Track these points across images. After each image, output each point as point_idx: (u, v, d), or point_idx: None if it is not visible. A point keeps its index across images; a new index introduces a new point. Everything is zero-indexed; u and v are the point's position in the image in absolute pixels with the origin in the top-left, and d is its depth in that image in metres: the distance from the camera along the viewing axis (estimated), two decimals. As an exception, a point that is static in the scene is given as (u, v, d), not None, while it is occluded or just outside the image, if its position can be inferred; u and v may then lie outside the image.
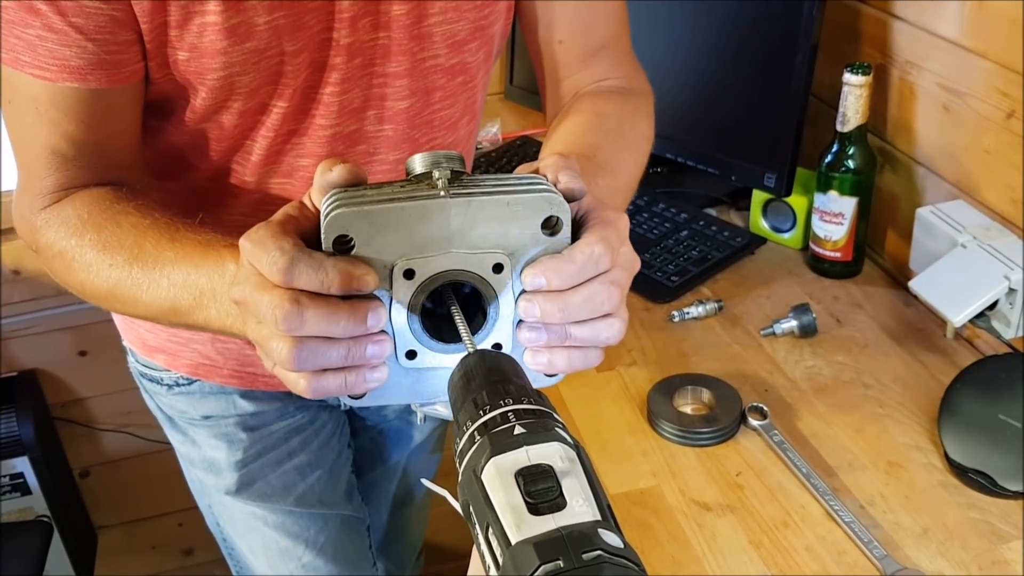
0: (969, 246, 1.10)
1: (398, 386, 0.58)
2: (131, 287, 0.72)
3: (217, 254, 0.68)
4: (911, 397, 1.08)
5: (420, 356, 0.57)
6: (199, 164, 0.87)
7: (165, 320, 0.73)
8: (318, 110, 0.84)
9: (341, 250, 0.53)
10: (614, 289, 0.57)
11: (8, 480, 1.74)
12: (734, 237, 1.35)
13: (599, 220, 0.58)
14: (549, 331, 0.57)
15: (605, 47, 0.93)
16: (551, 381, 0.60)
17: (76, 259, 0.76)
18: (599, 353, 0.59)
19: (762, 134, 1.33)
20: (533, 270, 0.55)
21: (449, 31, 0.85)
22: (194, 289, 0.68)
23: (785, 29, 1.26)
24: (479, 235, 0.54)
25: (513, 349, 0.58)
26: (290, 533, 1.16)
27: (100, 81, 0.74)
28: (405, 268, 0.54)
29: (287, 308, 0.52)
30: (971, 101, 1.13)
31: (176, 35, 0.75)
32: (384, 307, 0.55)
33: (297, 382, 0.55)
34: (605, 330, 0.58)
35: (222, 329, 0.68)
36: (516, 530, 0.41)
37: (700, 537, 0.93)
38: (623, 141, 0.85)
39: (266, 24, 0.76)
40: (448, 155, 0.56)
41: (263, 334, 0.55)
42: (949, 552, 0.89)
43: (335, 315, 0.53)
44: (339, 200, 0.54)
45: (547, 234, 0.55)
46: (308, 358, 0.53)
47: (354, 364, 0.55)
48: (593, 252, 0.56)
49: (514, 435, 0.45)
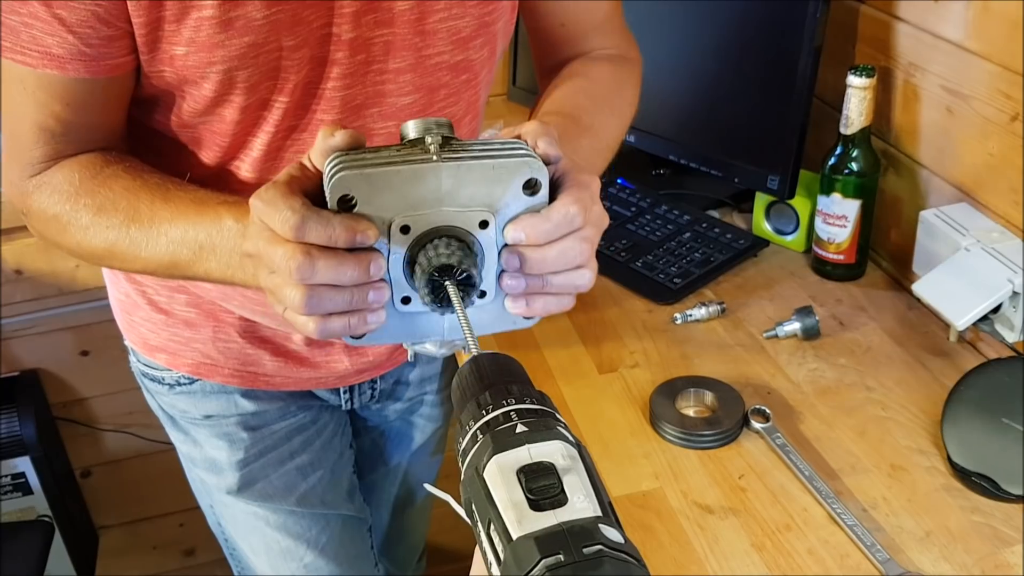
0: (972, 249, 1.10)
1: (394, 327, 0.65)
2: (129, 245, 0.78)
3: (213, 211, 0.74)
4: (914, 400, 1.08)
5: (414, 302, 0.64)
6: (201, 159, 0.87)
7: (164, 273, 0.79)
8: (319, 106, 0.84)
9: (344, 208, 0.60)
10: (585, 244, 0.64)
11: (9, 480, 1.74)
12: (737, 239, 1.35)
13: (574, 182, 0.64)
14: (528, 280, 0.64)
15: (601, 23, 0.98)
16: (529, 323, 0.67)
17: (71, 222, 0.80)
18: (571, 299, 0.66)
19: (765, 136, 1.33)
20: (514, 226, 0.62)
21: (453, 27, 0.85)
22: (193, 244, 0.74)
23: (789, 31, 1.26)
24: (467, 195, 0.60)
25: (496, 295, 0.65)
26: (292, 533, 1.16)
27: (79, 71, 0.76)
28: (402, 224, 0.60)
29: (300, 259, 0.58)
30: (975, 104, 1.12)
31: (173, 30, 0.75)
32: (383, 258, 0.61)
33: (307, 324, 0.62)
34: (577, 279, 0.65)
35: (222, 279, 0.74)
36: (517, 525, 0.41)
37: (702, 539, 0.93)
38: (609, 106, 0.92)
39: (264, 19, 0.76)
40: (439, 121, 0.62)
41: (276, 283, 0.61)
42: (952, 556, 0.89)
43: (342, 265, 0.59)
44: (342, 163, 0.60)
45: (527, 194, 0.62)
46: (318, 303, 0.60)
47: (357, 308, 0.61)
48: (568, 212, 0.62)
49: (516, 433, 0.45)
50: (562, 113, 0.87)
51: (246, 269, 0.70)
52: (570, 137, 0.81)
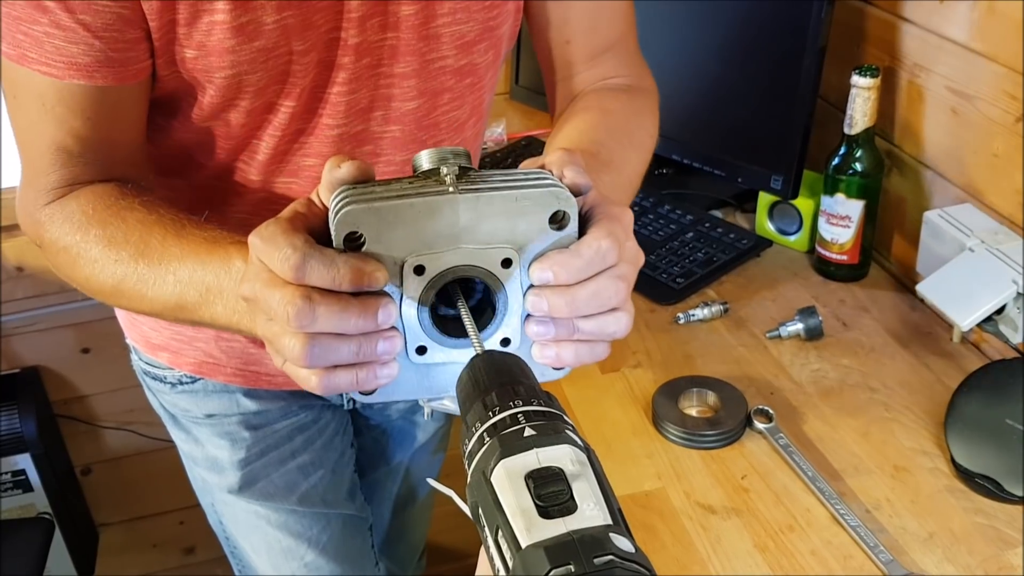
0: (977, 250, 1.10)
1: (407, 381, 0.59)
2: (136, 283, 0.72)
3: (223, 251, 0.68)
4: (917, 401, 1.08)
5: (430, 352, 0.58)
6: (205, 162, 0.86)
7: (171, 316, 0.73)
8: (325, 110, 0.83)
9: (351, 247, 0.54)
10: (620, 283, 0.57)
11: (10, 477, 1.74)
12: (740, 239, 1.35)
13: (605, 215, 0.58)
14: (557, 325, 0.57)
15: (612, 46, 0.94)
16: (558, 375, 0.61)
17: (81, 255, 0.76)
18: (606, 347, 0.59)
19: (769, 136, 1.33)
20: (541, 265, 0.56)
21: (458, 32, 0.85)
22: (200, 286, 0.68)
23: (793, 31, 1.26)
24: (487, 230, 0.55)
25: (521, 343, 0.58)
26: (293, 532, 1.16)
27: (107, 79, 0.74)
28: (415, 264, 0.54)
29: (299, 305, 0.52)
30: (980, 104, 1.12)
31: (184, 33, 0.75)
32: (395, 303, 0.55)
33: (309, 379, 0.56)
34: (612, 324, 0.58)
35: (228, 325, 0.68)
36: (526, 533, 0.40)
37: (705, 540, 0.92)
38: (628, 138, 0.86)
39: (275, 23, 0.76)
40: (455, 151, 0.57)
41: (274, 331, 0.55)
42: (955, 557, 0.89)
43: (347, 311, 0.53)
44: (349, 197, 0.54)
45: (554, 229, 0.56)
46: (320, 354, 0.54)
47: (365, 360, 0.55)
48: (600, 247, 0.56)
49: (524, 437, 0.45)
50: (579, 148, 0.79)
51: (244, 315, 0.65)
52: (590, 172, 0.73)
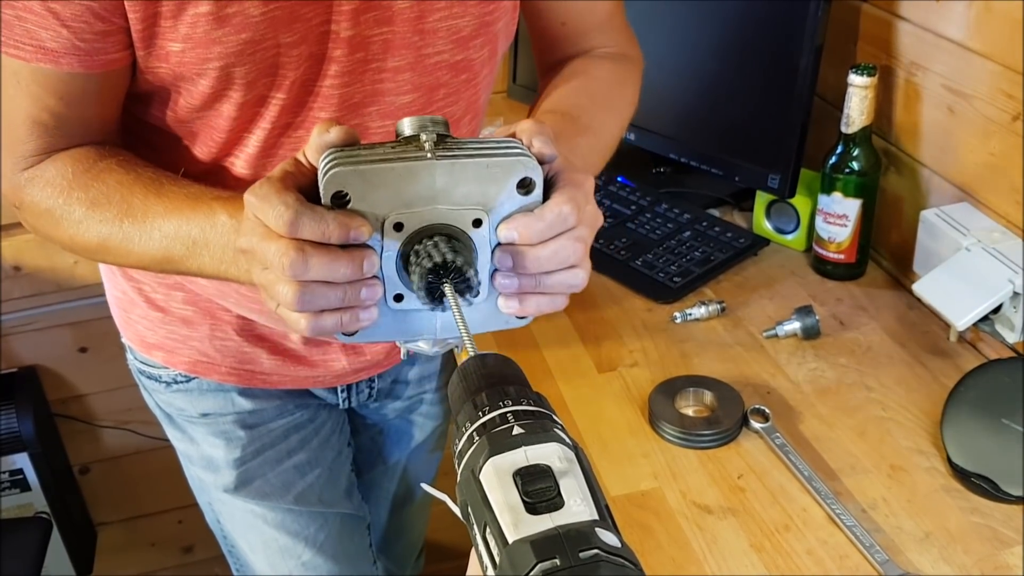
0: (973, 249, 1.10)
1: (386, 325, 0.65)
2: (122, 240, 0.77)
3: (207, 206, 0.73)
4: (914, 401, 1.08)
5: (406, 299, 0.63)
6: (197, 155, 0.87)
7: (156, 268, 0.79)
8: (317, 103, 0.84)
9: (338, 204, 0.59)
10: (579, 244, 0.63)
11: (8, 476, 1.74)
12: (737, 238, 1.35)
13: (568, 181, 0.64)
14: (521, 279, 0.63)
15: (603, 22, 0.98)
16: (521, 323, 0.67)
17: (64, 216, 0.80)
18: (564, 299, 0.66)
19: (766, 135, 1.33)
20: (507, 225, 0.62)
21: (453, 27, 0.85)
22: (186, 239, 0.74)
23: (790, 30, 1.26)
24: (461, 193, 0.60)
25: (489, 294, 0.64)
26: (290, 531, 1.16)
27: (73, 66, 0.76)
28: (395, 221, 0.60)
29: (293, 256, 0.58)
30: (976, 103, 1.12)
31: (169, 26, 0.75)
32: (376, 255, 0.61)
33: (299, 321, 0.61)
34: (570, 278, 0.64)
35: (215, 274, 0.74)
36: (513, 529, 0.40)
37: (701, 540, 0.92)
38: (609, 105, 0.91)
39: (261, 15, 0.76)
40: (434, 119, 0.62)
41: (269, 279, 0.61)
42: (951, 557, 0.89)
43: (336, 262, 0.59)
44: (336, 159, 0.59)
45: (522, 193, 0.62)
46: (311, 300, 0.60)
47: (349, 305, 0.61)
48: (561, 211, 0.62)
49: (513, 435, 0.45)
50: (561, 112, 0.86)
51: (239, 265, 0.71)
52: (568, 136, 0.80)
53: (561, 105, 0.88)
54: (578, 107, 0.88)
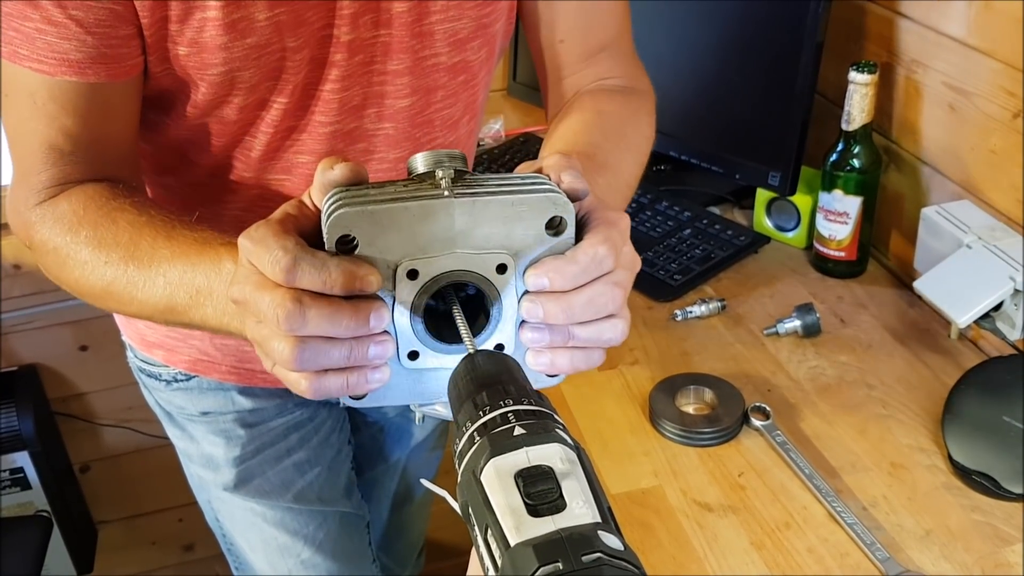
0: (974, 247, 1.09)
1: (399, 386, 0.58)
2: (126, 285, 0.72)
3: (214, 252, 0.67)
4: (915, 398, 1.08)
5: (422, 357, 0.57)
6: (198, 159, 0.86)
7: (161, 319, 0.72)
8: (318, 107, 0.83)
9: (344, 250, 0.53)
10: (617, 290, 0.57)
11: (8, 475, 1.74)
12: (738, 236, 1.35)
13: (601, 220, 0.57)
14: (552, 332, 0.56)
15: (607, 46, 0.93)
16: (553, 381, 0.60)
17: (71, 256, 0.75)
18: (601, 353, 0.59)
19: (767, 133, 1.33)
20: (536, 271, 0.55)
21: (451, 29, 0.85)
22: (190, 287, 0.67)
23: (791, 27, 1.26)
24: (483, 235, 0.54)
25: (515, 349, 0.58)
26: (289, 529, 1.16)
27: (99, 75, 0.73)
28: (409, 268, 0.54)
29: (289, 308, 0.51)
30: (977, 101, 1.12)
31: (176, 30, 0.74)
32: (387, 307, 0.54)
33: (298, 382, 0.55)
34: (608, 331, 0.57)
35: (218, 328, 0.67)
36: (515, 532, 0.40)
37: (701, 538, 0.92)
38: (624, 140, 0.85)
39: (267, 20, 0.75)
40: (451, 154, 0.56)
41: (263, 334, 0.54)
42: (952, 555, 0.89)
43: (338, 315, 0.52)
44: (342, 199, 0.53)
45: (551, 234, 0.55)
46: (310, 358, 0.53)
47: (356, 364, 0.54)
48: (596, 253, 0.55)
49: (514, 436, 0.44)
50: (574, 150, 0.78)
51: (233, 317, 0.65)
52: (586, 174, 0.72)
53: (573, 144, 0.81)
54: (591, 145, 0.81)
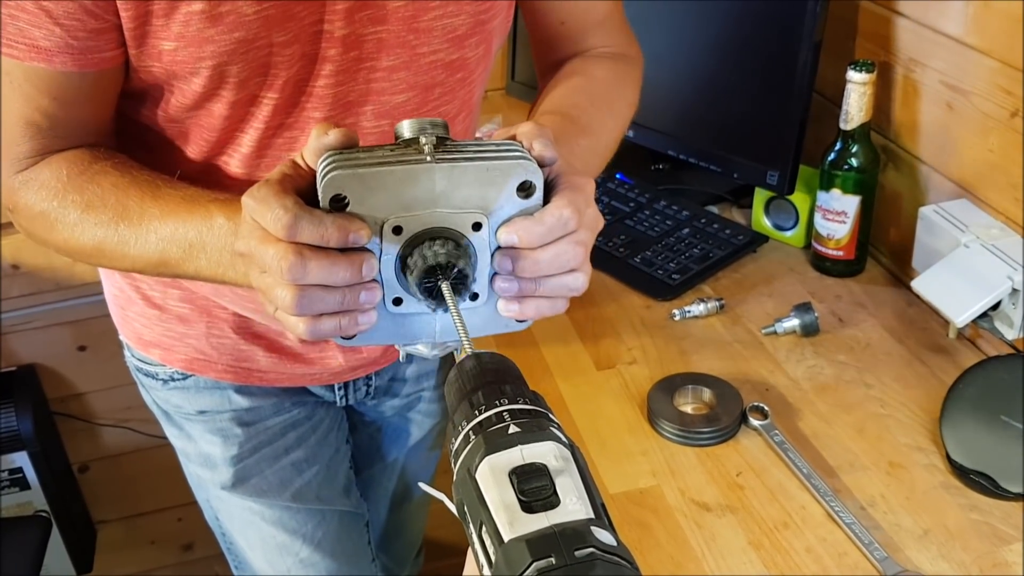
0: (972, 246, 1.09)
1: (384, 329, 0.64)
2: (118, 243, 0.77)
3: (204, 208, 0.73)
4: (913, 397, 1.08)
5: (405, 303, 0.63)
6: (189, 154, 0.86)
7: (152, 271, 0.78)
8: (310, 103, 0.83)
9: (337, 207, 0.59)
10: (579, 248, 0.63)
11: (7, 475, 1.74)
12: (736, 235, 1.35)
13: (568, 185, 0.63)
14: (520, 283, 0.63)
15: (602, 21, 0.97)
16: (521, 326, 0.67)
17: (59, 219, 0.79)
18: (565, 302, 0.66)
19: (765, 131, 1.33)
20: (507, 229, 0.61)
21: (448, 26, 0.85)
22: (183, 242, 0.73)
23: (788, 26, 1.26)
24: (461, 196, 0.60)
25: (488, 298, 0.64)
26: (287, 528, 1.16)
27: (67, 65, 0.75)
28: (394, 225, 0.60)
29: (292, 259, 0.58)
30: (975, 99, 1.12)
31: (162, 24, 0.75)
32: (376, 258, 0.60)
33: (297, 325, 0.61)
34: (571, 282, 0.64)
35: (212, 277, 0.73)
36: (509, 528, 0.40)
37: (700, 537, 0.92)
38: (608, 106, 0.91)
39: (254, 14, 0.76)
40: (433, 122, 0.62)
41: (267, 282, 0.60)
42: (950, 554, 0.89)
43: (334, 266, 0.58)
44: (335, 162, 0.59)
45: (522, 197, 0.61)
46: (309, 304, 0.59)
47: (348, 309, 0.61)
48: (562, 215, 0.61)
49: (508, 434, 0.45)
50: (560, 113, 0.86)
51: (237, 268, 0.70)
52: (567, 137, 0.80)
53: (559, 106, 0.87)
54: (577, 107, 0.87)
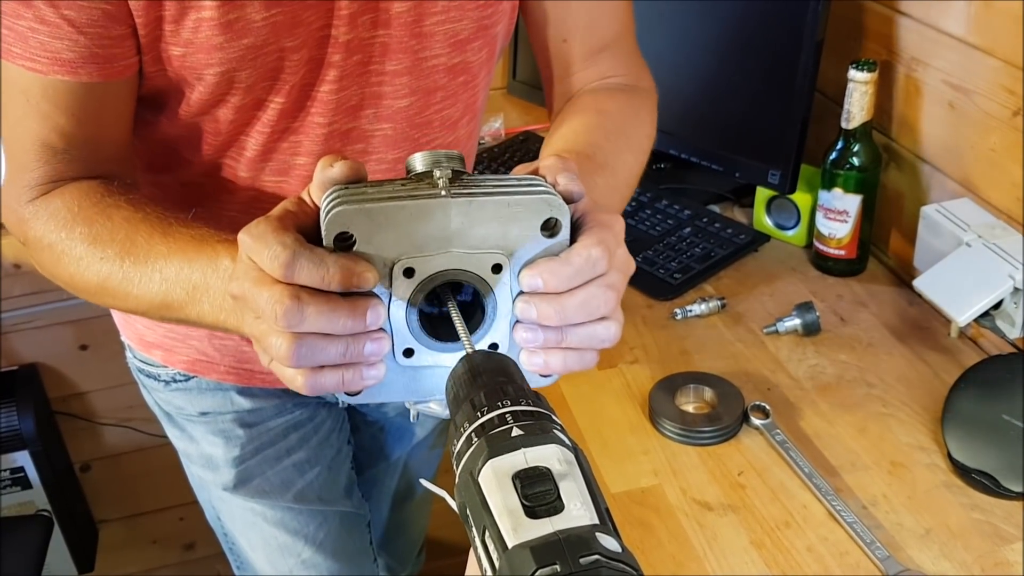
0: (974, 245, 1.09)
1: (394, 383, 0.59)
2: (122, 281, 0.72)
3: (211, 249, 0.67)
4: (914, 397, 1.08)
5: (417, 354, 0.58)
6: (193, 158, 0.86)
7: (156, 315, 0.73)
8: (315, 107, 0.83)
9: (342, 247, 0.54)
10: (610, 292, 0.57)
11: (8, 474, 1.74)
12: (737, 234, 1.35)
13: (596, 223, 0.58)
14: (545, 332, 0.57)
15: (610, 45, 0.93)
16: (547, 381, 0.61)
17: (66, 252, 0.75)
18: (595, 354, 0.59)
19: (766, 131, 1.33)
20: (531, 271, 0.56)
21: (451, 30, 0.84)
22: (187, 284, 0.68)
23: (790, 25, 1.25)
24: (479, 235, 0.54)
25: (509, 349, 0.58)
26: (289, 529, 1.16)
27: (92, 75, 0.73)
28: (405, 266, 0.54)
29: (287, 304, 0.52)
30: (977, 99, 1.12)
31: (171, 30, 0.74)
32: (383, 305, 0.55)
33: (295, 378, 0.56)
34: (601, 332, 0.58)
35: (215, 324, 0.68)
36: (513, 533, 0.40)
37: (701, 537, 0.92)
38: (625, 140, 0.86)
39: (263, 20, 0.75)
40: (449, 155, 0.57)
41: (261, 329, 0.55)
42: (952, 553, 0.89)
43: (335, 312, 0.53)
44: (340, 197, 0.54)
45: (546, 236, 0.56)
46: (307, 354, 0.54)
47: (352, 361, 0.55)
48: (591, 255, 0.56)
49: (512, 437, 0.45)
50: (574, 151, 0.79)
51: (236, 313, 0.64)
52: (585, 175, 0.72)
53: (574, 144, 0.81)
54: (591, 145, 0.81)
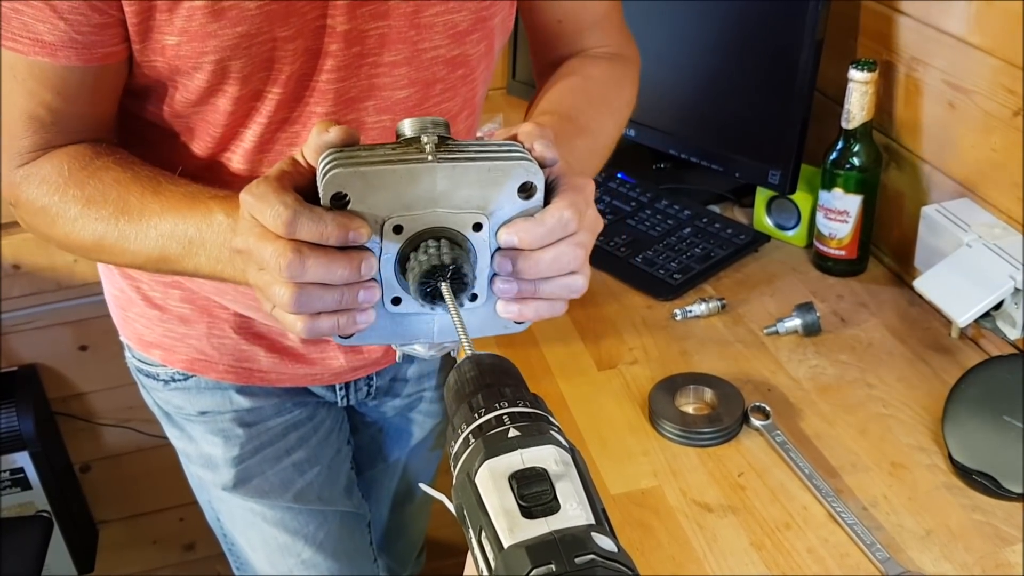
0: (974, 245, 1.09)
1: (382, 328, 0.64)
2: (118, 238, 0.77)
3: (204, 206, 0.73)
4: (915, 397, 1.07)
5: (404, 302, 0.63)
6: (192, 150, 0.87)
7: (152, 267, 0.78)
8: (313, 98, 0.83)
9: (337, 205, 0.59)
10: (579, 250, 0.63)
11: (8, 475, 1.74)
12: (738, 234, 1.35)
13: (568, 186, 0.63)
14: (520, 284, 0.63)
15: (599, 20, 0.97)
16: (520, 328, 0.67)
17: (60, 214, 0.79)
18: (564, 304, 0.66)
19: (766, 131, 1.33)
20: (508, 230, 0.61)
21: (450, 21, 0.85)
22: (183, 238, 0.73)
23: (790, 25, 1.25)
24: (462, 196, 0.60)
25: (487, 299, 0.64)
26: (289, 529, 1.16)
27: (71, 59, 0.75)
28: (395, 224, 0.60)
29: (290, 257, 0.57)
30: (977, 98, 1.12)
31: (165, 19, 0.75)
32: (375, 257, 0.60)
33: (295, 323, 0.61)
34: (570, 284, 0.64)
35: (211, 274, 0.73)
36: (509, 533, 0.40)
37: (701, 538, 0.92)
38: (606, 106, 0.91)
39: (257, 9, 0.76)
40: (435, 121, 0.62)
41: (265, 280, 0.60)
42: (952, 555, 0.89)
43: (333, 264, 0.58)
44: (336, 160, 0.59)
45: (522, 198, 0.61)
46: (307, 302, 0.59)
47: (346, 308, 0.61)
48: (562, 216, 0.61)
49: (508, 438, 0.45)
50: (558, 113, 0.86)
51: (235, 265, 0.70)
52: (566, 137, 0.80)
53: (557, 106, 0.87)
54: (574, 108, 0.87)
